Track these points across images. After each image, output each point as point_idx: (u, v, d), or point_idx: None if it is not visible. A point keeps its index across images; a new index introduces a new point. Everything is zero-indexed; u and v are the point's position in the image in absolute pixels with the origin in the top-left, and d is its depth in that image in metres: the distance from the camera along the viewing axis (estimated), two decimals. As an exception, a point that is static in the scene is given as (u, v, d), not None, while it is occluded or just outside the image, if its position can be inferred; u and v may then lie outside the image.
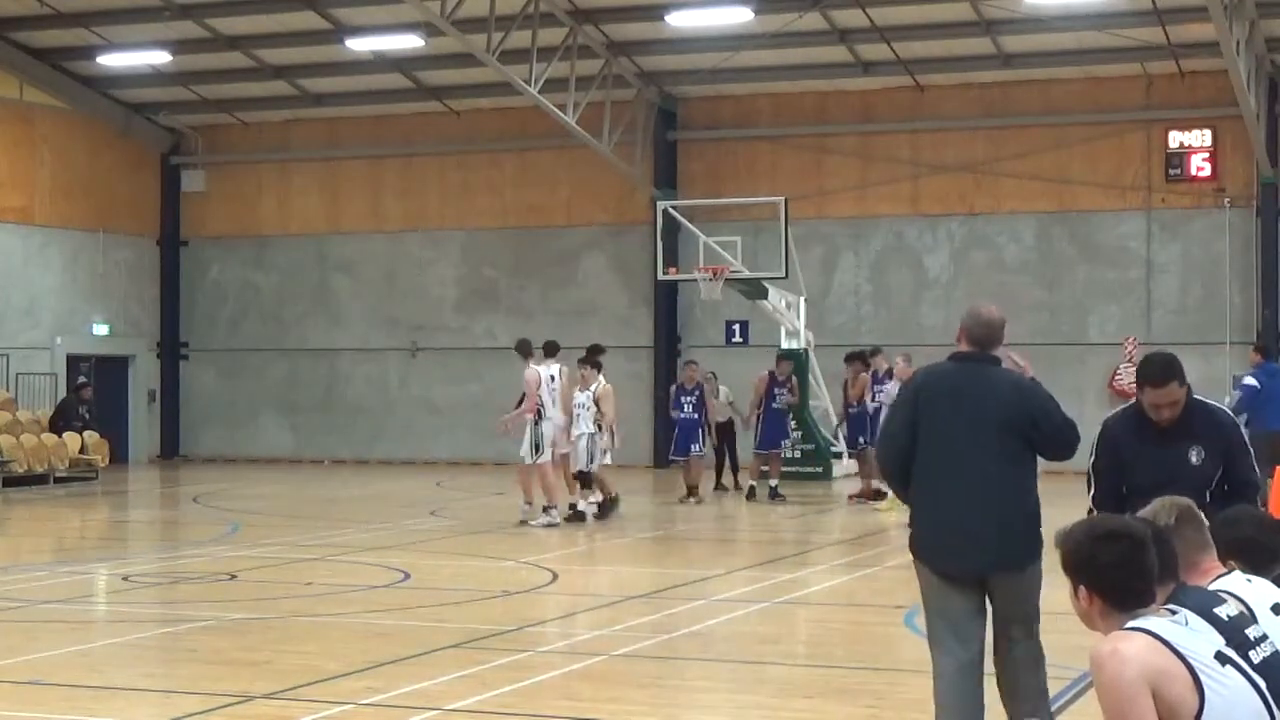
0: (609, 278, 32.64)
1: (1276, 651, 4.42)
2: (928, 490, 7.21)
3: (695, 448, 23.45)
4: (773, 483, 23.57)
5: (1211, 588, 4.79)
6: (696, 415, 23.58)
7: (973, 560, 7.12)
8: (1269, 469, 12.95)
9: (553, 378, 20.93)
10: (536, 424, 19.90)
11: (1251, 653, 4.34)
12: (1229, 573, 5.04)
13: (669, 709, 9.22)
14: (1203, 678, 4.21)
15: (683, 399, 23.79)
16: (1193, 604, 4.42)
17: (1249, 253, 29.04)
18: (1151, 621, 4.31)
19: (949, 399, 7.20)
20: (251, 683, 9.87)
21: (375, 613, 13.19)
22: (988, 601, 7.24)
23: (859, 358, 24.07)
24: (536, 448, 19.79)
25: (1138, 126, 29.69)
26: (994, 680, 7.38)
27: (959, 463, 7.11)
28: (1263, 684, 4.28)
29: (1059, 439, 7.18)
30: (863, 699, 9.35)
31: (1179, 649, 4.23)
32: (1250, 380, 19.83)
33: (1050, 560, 5.18)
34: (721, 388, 25.41)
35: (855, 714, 9.00)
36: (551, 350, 21.50)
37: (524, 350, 20.56)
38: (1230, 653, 4.29)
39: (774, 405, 23.72)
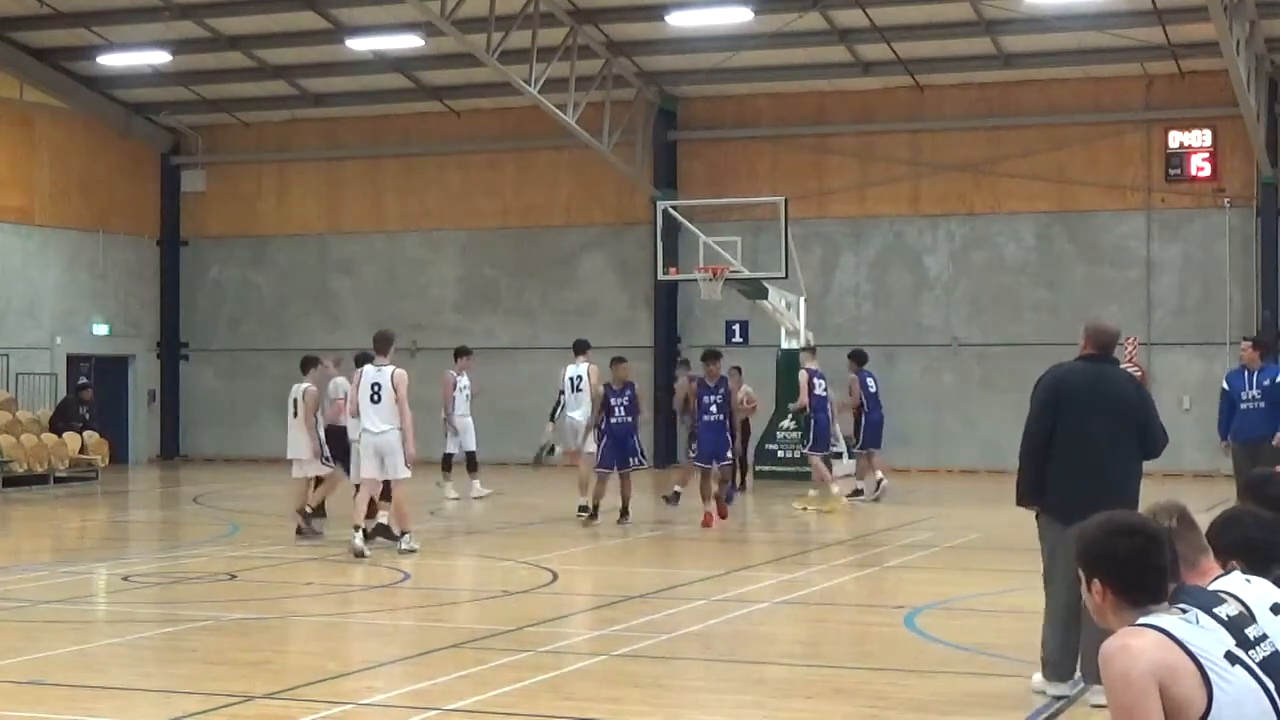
0: (609, 278, 32.65)
1: (1276, 651, 4.42)
2: (1065, 460, 9.08)
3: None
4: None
5: (1211, 588, 4.80)
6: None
7: (1088, 507, 8.77)
8: None
9: (580, 377, 21.19)
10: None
11: (1251, 652, 4.34)
12: (1228, 573, 5.04)
13: (669, 709, 9.22)
14: (1212, 676, 4.20)
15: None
16: (1194, 603, 4.42)
17: (1249, 253, 29.05)
18: (1163, 619, 4.31)
19: (1087, 392, 9.15)
20: (251, 683, 9.87)
21: (375, 613, 13.20)
22: None
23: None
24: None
25: (1138, 126, 29.70)
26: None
27: (1089, 440, 9.03)
28: (1270, 684, 4.28)
29: (1152, 439, 9.25)
30: (863, 699, 9.35)
31: (1189, 646, 4.23)
32: None
33: None
34: (745, 386, 25.26)
35: (855, 714, 9.00)
36: (580, 349, 21.81)
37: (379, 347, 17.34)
38: (1240, 652, 4.29)
39: (705, 417, 20.00)
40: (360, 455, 16.98)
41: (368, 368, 17.12)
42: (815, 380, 23.11)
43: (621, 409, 19.86)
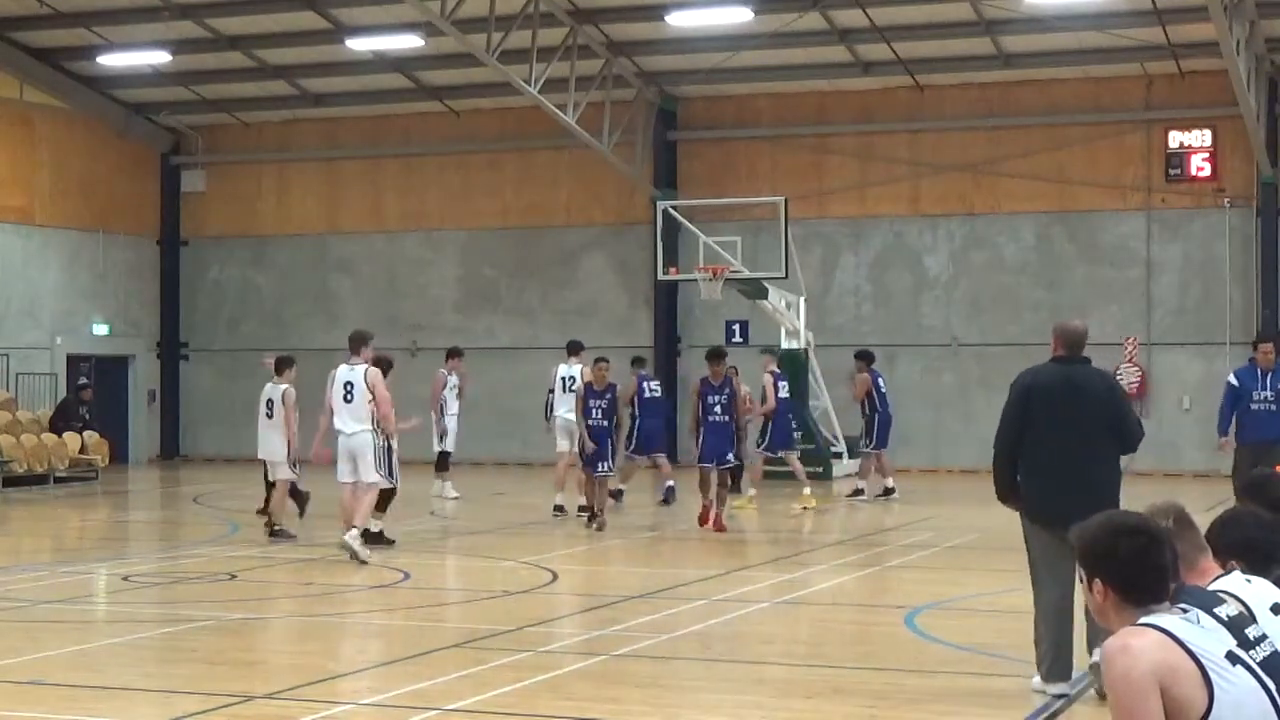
0: (609, 278, 32.65)
1: (1276, 651, 4.42)
2: (1039, 460, 9.22)
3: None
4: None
5: (1211, 588, 4.80)
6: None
7: (1064, 507, 8.45)
8: None
9: (573, 377, 21.20)
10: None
11: (1251, 652, 4.34)
12: (1228, 573, 5.04)
13: (669, 709, 9.22)
14: (1213, 676, 4.20)
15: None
16: (1195, 603, 4.42)
17: (1249, 253, 29.04)
18: (1164, 619, 4.31)
19: (1060, 392, 9.26)
20: (251, 683, 9.88)
21: (375, 613, 13.20)
22: None
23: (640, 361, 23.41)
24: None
25: (1138, 126, 29.70)
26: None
27: (1063, 440, 9.14)
28: (1271, 685, 4.28)
29: (1128, 434, 9.37)
30: (863, 699, 9.35)
31: (1190, 646, 4.23)
32: None
33: None
34: (744, 386, 25.16)
35: (855, 714, 9.00)
36: (574, 349, 21.83)
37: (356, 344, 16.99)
38: (1241, 653, 4.28)
39: (709, 418, 19.64)
40: (337, 457, 16.62)
41: (341, 367, 16.80)
42: (779, 383, 23.05)
43: (599, 411, 19.43)
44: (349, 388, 16.49)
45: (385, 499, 17.23)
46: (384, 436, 16.74)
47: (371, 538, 16.83)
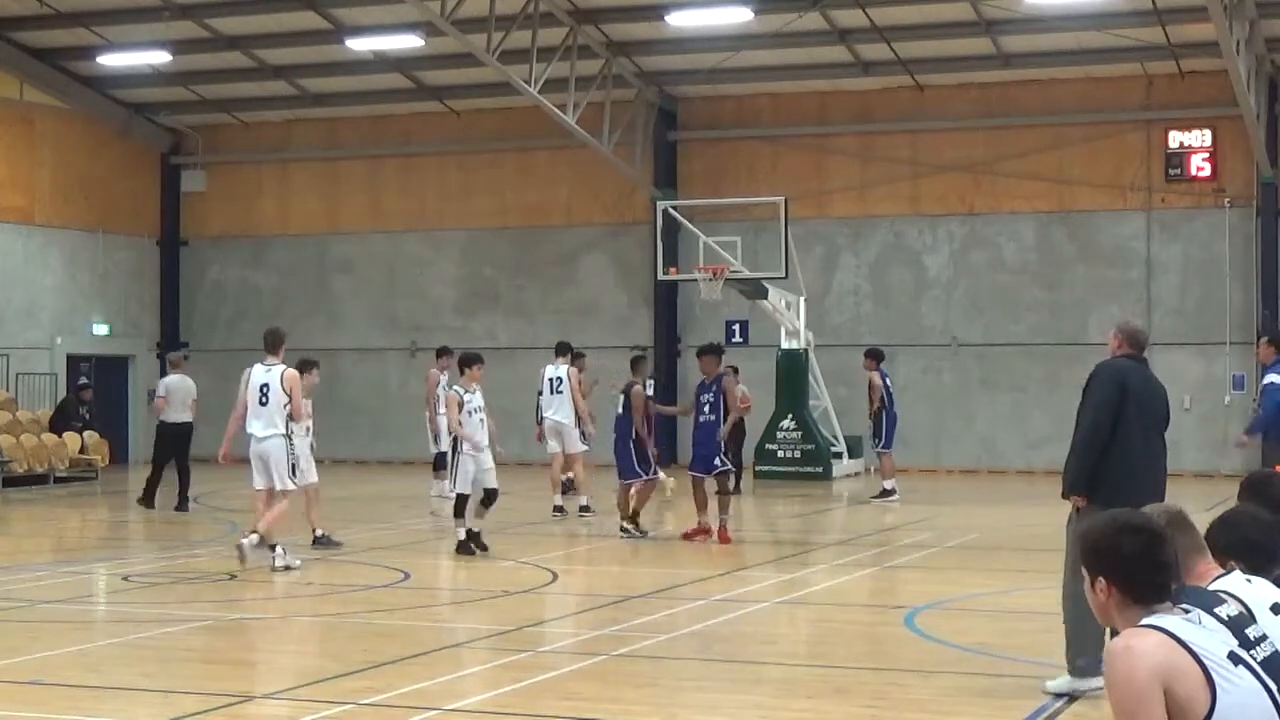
0: (609, 278, 32.65)
1: (1277, 651, 4.42)
2: (1125, 452, 9.59)
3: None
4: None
5: (1211, 588, 4.80)
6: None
7: (1143, 498, 8.75)
8: None
9: (560, 378, 21.16)
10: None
11: (1252, 653, 4.34)
12: (1228, 573, 5.04)
13: (669, 709, 9.22)
14: (1215, 677, 4.20)
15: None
16: (1196, 604, 4.42)
17: (1249, 253, 29.05)
18: (1166, 619, 4.31)
19: (1144, 388, 9.81)
20: (251, 683, 9.88)
21: (375, 613, 13.19)
22: None
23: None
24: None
25: (1138, 126, 29.70)
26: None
27: (1145, 434, 9.68)
28: (1272, 685, 4.27)
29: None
30: (863, 699, 9.35)
31: (1193, 647, 4.23)
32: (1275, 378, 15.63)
33: None
34: (740, 386, 25.05)
35: (855, 714, 9.00)
36: (562, 351, 21.78)
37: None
38: (1242, 653, 4.28)
39: (699, 418, 18.29)
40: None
41: (256, 367, 16.31)
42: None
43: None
44: (264, 390, 15.94)
45: (462, 502, 16.85)
46: (458, 442, 16.48)
47: (465, 542, 16.56)
